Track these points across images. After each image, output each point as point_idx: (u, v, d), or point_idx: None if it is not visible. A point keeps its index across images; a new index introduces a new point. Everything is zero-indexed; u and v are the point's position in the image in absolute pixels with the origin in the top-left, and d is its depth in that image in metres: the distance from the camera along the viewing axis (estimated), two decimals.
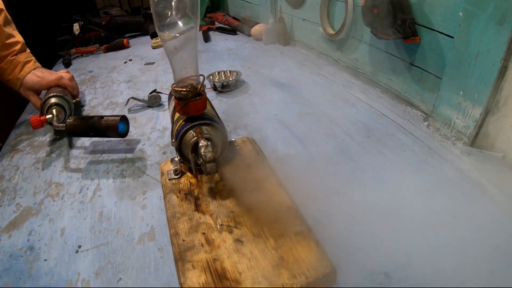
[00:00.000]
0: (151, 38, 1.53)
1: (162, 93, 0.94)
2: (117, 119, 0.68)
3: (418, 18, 0.70)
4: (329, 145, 0.69)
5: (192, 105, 0.54)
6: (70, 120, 0.70)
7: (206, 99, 0.57)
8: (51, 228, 0.56)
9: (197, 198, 0.53)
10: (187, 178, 0.58)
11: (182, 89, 0.53)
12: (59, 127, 0.72)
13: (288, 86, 0.97)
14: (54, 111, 0.78)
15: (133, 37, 1.65)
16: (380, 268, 0.44)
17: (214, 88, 0.98)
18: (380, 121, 0.76)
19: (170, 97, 0.72)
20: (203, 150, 0.50)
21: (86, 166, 0.70)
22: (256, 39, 1.43)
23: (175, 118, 0.60)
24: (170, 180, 0.58)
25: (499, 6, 0.52)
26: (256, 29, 1.41)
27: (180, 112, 0.56)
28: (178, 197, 0.54)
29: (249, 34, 1.47)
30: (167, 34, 0.51)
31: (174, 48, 0.51)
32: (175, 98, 0.55)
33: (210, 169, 0.50)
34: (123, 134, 0.70)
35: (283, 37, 1.31)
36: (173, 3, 0.51)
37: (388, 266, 0.44)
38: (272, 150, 0.67)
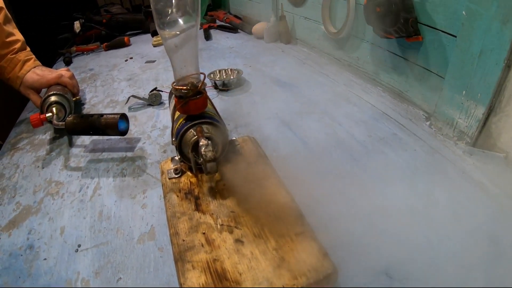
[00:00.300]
0: (152, 36, 1.53)
1: (162, 91, 0.94)
2: (116, 117, 0.68)
3: (420, 17, 0.70)
4: (330, 144, 0.69)
5: (192, 103, 0.53)
6: (70, 118, 0.70)
7: (207, 98, 0.57)
8: (51, 227, 0.55)
9: (197, 198, 0.53)
10: (187, 177, 0.58)
11: (183, 87, 0.53)
12: (59, 125, 0.72)
13: (289, 85, 0.96)
14: (54, 110, 0.78)
15: (134, 35, 1.65)
16: (381, 268, 0.43)
17: (215, 86, 0.98)
18: (381, 120, 0.75)
19: (171, 95, 0.72)
20: (204, 149, 0.49)
21: (86, 165, 0.70)
22: (257, 38, 1.42)
23: (176, 117, 0.60)
24: (170, 179, 0.58)
25: (503, 5, 0.52)
26: (257, 27, 1.41)
27: (180, 110, 0.55)
28: (178, 196, 0.54)
29: (250, 33, 1.47)
30: (168, 32, 0.51)
31: (175, 46, 0.51)
32: (176, 97, 0.55)
33: (210, 168, 0.49)
34: (123, 132, 0.70)
35: (285, 35, 1.30)
36: (173, 1, 0.50)
37: (389, 266, 0.43)
38: (273, 149, 0.66)
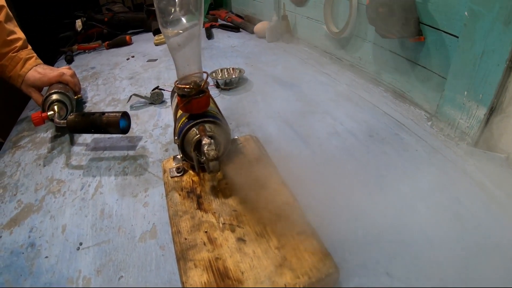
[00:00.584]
0: (154, 35, 1.53)
1: (164, 90, 0.94)
2: (118, 115, 0.68)
3: (422, 17, 0.70)
4: (332, 143, 0.69)
5: (195, 102, 0.53)
6: (71, 116, 0.70)
7: (210, 97, 0.57)
8: (52, 225, 0.56)
9: (199, 196, 0.53)
10: (189, 176, 0.58)
11: (185, 86, 0.53)
12: (61, 124, 0.72)
13: (291, 84, 0.96)
14: (55, 108, 0.78)
15: (135, 33, 1.65)
16: (382, 268, 0.43)
17: (217, 85, 0.98)
18: (383, 120, 0.75)
19: (173, 94, 0.72)
20: (206, 148, 0.50)
21: (88, 163, 0.70)
22: (259, 37, 1.42)
23: (178, 116, 0.60)
24: (172, 178, 0.58)
25: (505, 6, 0.52)
26: (259, 26, 1.41)
27: (183, 109, 0.55)
28: (180, 195, 0.54)
29: (252, 32, 1.47)
30: (171, 31, 0.51)
31: (178, 45, 0.51)
32: (178, 95, 0.55)
33: (213, 167, 0.49)
34: (125, 131, 0.70)
35: (287, 35, 1.30)
36: (176, 0, 0.51)
37: (390, 266, 0.44)
38: (275, 149, 0.66)
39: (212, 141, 0.51)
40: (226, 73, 1.03)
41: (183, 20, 0.51)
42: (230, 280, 0.40)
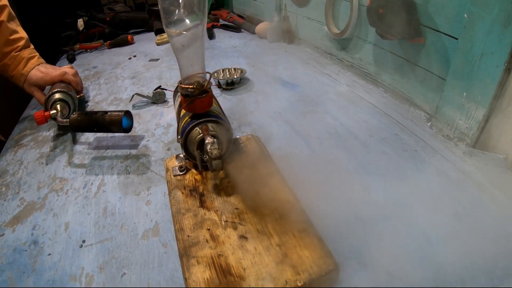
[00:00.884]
0: (156, 35, 1.53)
1: (166, 89, 0.94)
2: (121, 114, 0.69)
3: (423, 19, 0.70)
4: (332, 143, 0.69)
5: (198, 102, 0.54)
6: (74, 115, 0.70)
7: (212, 97, 0.58)
8: (55, 222, 0.56)
9: (202, 195, 0.54)
10: (192, 175, 0.58)
11: (189, 86, 0.54)
12: (63, 123, 0.73)
13: (292, 85, 0.97)
14: (58, 107, 0.78)
15: (137, 33, 1.65)
16: (382, 267, 0.44)
17: (219, 85, 0.99)
18: (383, 120, 0.76)
19: (176, 93, 0.73)
20: (209, 147, 0.50)
21: (90, 162, 0.70)
22: (260, 37, 1.43)
23: (181, 115, 0.61)
24: (175, 176, 0.58)
25: (504, 8, 0.52)
26: (260, 27, 1.41)
27: (186, 109, 0.56)
28: (183, 193, 0.55)
29: (253, 32, 1.47)
30: (174, 31, 0.51)
31: (181, 45, 0.52)
32: (182, 95, 0.55)
33: (216, 166, 0.50)
34: (127, 130, 0.71)
35: (288, 35, 1.31)
36: (180, 0, 0.51)
37: (390, 265, 0.44)
38: (276, 148, 0.67)
39: (215, 140, 0.51)
40: (227, 73, 1.03)
41: (187, 20, 0.51)
42: (232, 276, 0.41)
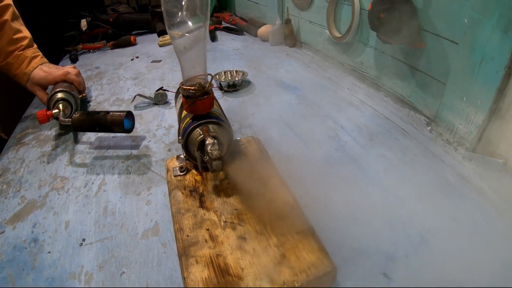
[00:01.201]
0: (158, 36, 1.54)
1: (168, 91, 0.95)
2: (122, 115, 0.69)
3: (423, 24, 0.71)
4: (332, 146, 0.70)
5: (199, 103, 0.55)
6: (76, 115, 0.71)
7: (214, 98, 0.58)
8: (56, 221, 0.56)
9: (202, 195, 0.54)
10: (192, 175, 0.59)
11: (191, 87, 0.54)
12: (65, 122, 0.73)
13: (293, 88, 0.97)
14: (60, 106, 0.79)
15: (140, 34, 1.66)
16: (379, 268, 0.44)
17: (220, 87, 0.99)
18: (383, 124, 0.76)
19: (177, 95, 0.73)
20: (210, 148, 0.50)
21: (92, 161, 0.71)
22: (262, 40, 1.43)
23: (182, 116, 0.61)
24: (175, 176, 0.59)
25: (504, 14, 0.53)
26: (262, 30, 1.42)
27: (187, 110, 0.56)
28: (183, 193, 0.55)
29: (255, 35, 1.48)
30: (177, 33, 0.52)
31: (184, 47, 0.52)
32: (183, 96, 0.56)
33: (216, 166, 0.50)
34: (129, 130, 0.71)
35: (290, 38, 1.31)
36: (183, 3, 0.52)
37: (387, 267, 0.44)
38: (276, 150, 0.67)
39: (215, 141, 0.52)
40: (229, 75, 1.04)
41: (189, 22, 0.52)
42: (230, 276, 0.41)
